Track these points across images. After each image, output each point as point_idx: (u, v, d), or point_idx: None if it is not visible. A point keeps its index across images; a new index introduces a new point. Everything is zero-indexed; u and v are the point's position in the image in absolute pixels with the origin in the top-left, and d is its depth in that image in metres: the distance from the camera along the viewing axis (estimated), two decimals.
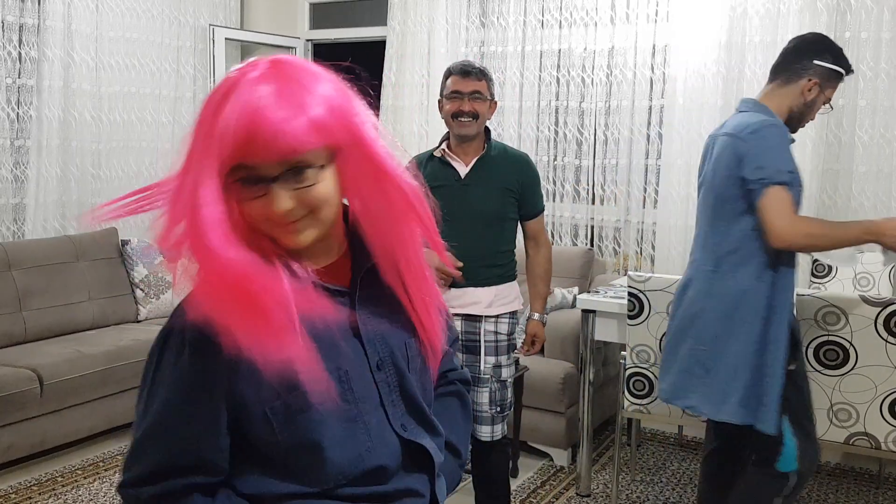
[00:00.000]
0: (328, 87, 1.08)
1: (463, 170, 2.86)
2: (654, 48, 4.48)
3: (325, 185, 1.08)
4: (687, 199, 4.36)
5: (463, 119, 2.81)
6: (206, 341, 1.06)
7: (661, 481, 3.78)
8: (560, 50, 4.74)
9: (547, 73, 4.79)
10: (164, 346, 1.12)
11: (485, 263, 2.84)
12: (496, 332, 2.86)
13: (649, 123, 4.57)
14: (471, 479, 3.04)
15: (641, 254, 4.63)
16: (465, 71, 2.84)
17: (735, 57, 4.22)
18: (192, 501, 1.10)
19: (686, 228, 4.37)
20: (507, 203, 2.87)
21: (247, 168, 1.04)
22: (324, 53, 5.95)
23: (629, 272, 3.42)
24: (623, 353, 3.34)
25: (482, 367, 2.84)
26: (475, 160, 2.86)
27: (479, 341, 2.85)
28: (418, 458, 1.25)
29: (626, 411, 3.38)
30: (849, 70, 2.58)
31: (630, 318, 3.26)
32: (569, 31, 4.69)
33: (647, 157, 4.58)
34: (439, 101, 2.92)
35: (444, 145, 2.91)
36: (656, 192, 4.56)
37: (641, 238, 4.63)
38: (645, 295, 3.21)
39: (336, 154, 1.09)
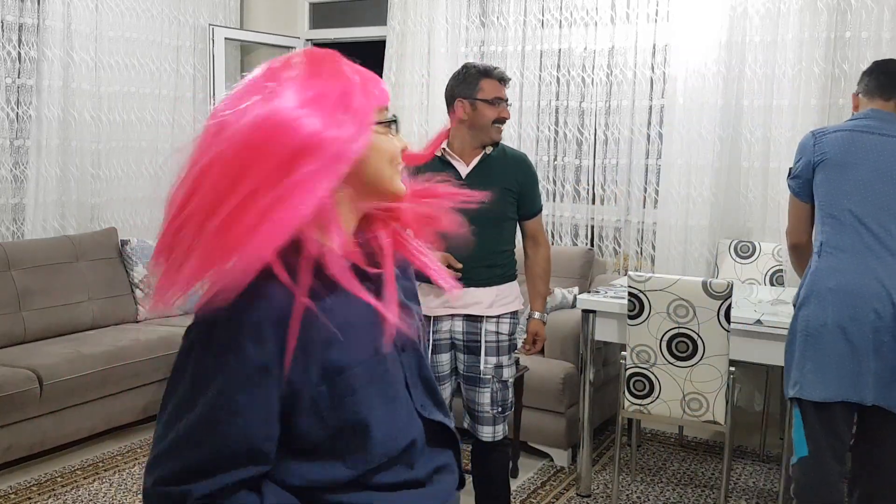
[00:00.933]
0: None
1: (464, 169, 2.85)
2: (654, 48, 4.48)
3: None
4: (687, 198, 4.36)
5: (501, 126, 2.84)
6: (260, 330, 1.08)
7: (662, 482, 3.78)
8: (560, 50, 4.74)
9: (547, 72, 4.78)
10: (209, 337, 1.10)
11: (485, 263, 2.83)
12: (497, 333, 2.85)
13: (649, 123, 4.57)
14: (471, 479, 3.04)
15: (641, 254, 4.63)
16: (504, 78, 2.86)
17: (735, 57, 4.21)
18: (240, 497, 1.10)
19: (686, 228, 4.37)
20: (506, 203, 2.86)
21: (383, 110, 1.20)
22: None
23: (629, 272, 3.42)
24: (623, 353, 3.34)
25: (483, 368, 2.84)
26: (476, 160, 2.85)
27: (480, 341, 2.85)
28: (437, 436, 1.29)
29: (627, 411, 3.37)
30: None
31: (630, 318, 3.25)
32: (569, 31, 4.69)
33: (648, 157, 4.58)
34: (465, 101, 2.81)
35: (444, 144, 2.90)
36: (656, 192, 4.55)
37: (641, 238, 4.62)
38: (645, 295, 3.20)
39: None
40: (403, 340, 1.24)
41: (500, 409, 2.87)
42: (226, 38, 5.35)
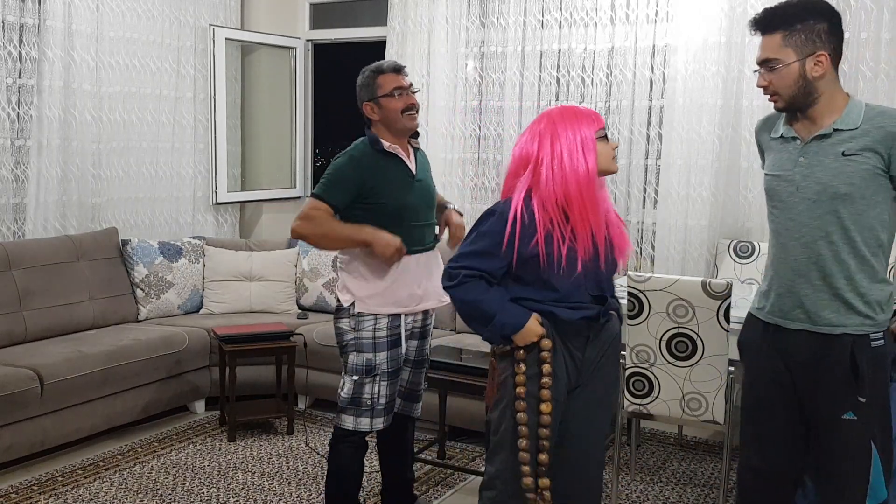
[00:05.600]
0: None
1: (412, 165, 2.95)
2: (653, 48, 4.48)
3: None
4: (686, 199, 4.37)
5: (413, 112, 2.89)
6: None
7: (661, 481, 3.79)
8: (560, 50, 4.74)
9: (547, 73, 4.79)
10: None
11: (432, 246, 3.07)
12: (434, 317, 3.15)
13: (649, 123, 4.57)
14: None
15: (641, 254, 4.63)
16: (397, 68, 2.92)
17: (735, 57, 4.22)
18: (479, 283, 2.25)
19: (686, 228, 4.38)
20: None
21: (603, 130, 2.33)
22: (324, 53, 5.95)
23: (629, 272, 3.42)
24: (623, 353, 3.34)
25: (428, 350, 3.13)
26: (414, 154, 2.98)
27: (430, 326, 3.12)
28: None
29: (626, 411, 3.38)
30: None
31: (630, 318, 3.26)
32: (569, 32, 4.70)
33: (647, 157, 4.59)
34: (370, 103, 2.89)
35: (387, 145, 2.90)
36: (656, 192, 4.56)
37: (641, 238, 4.63)
38: (644, 295, 3.21)
39: None
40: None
41: (426, 385, 3.19)
42: (226, 39, 5.35)
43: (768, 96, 2.35)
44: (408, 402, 3.11)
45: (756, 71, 2.36)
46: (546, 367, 2.25)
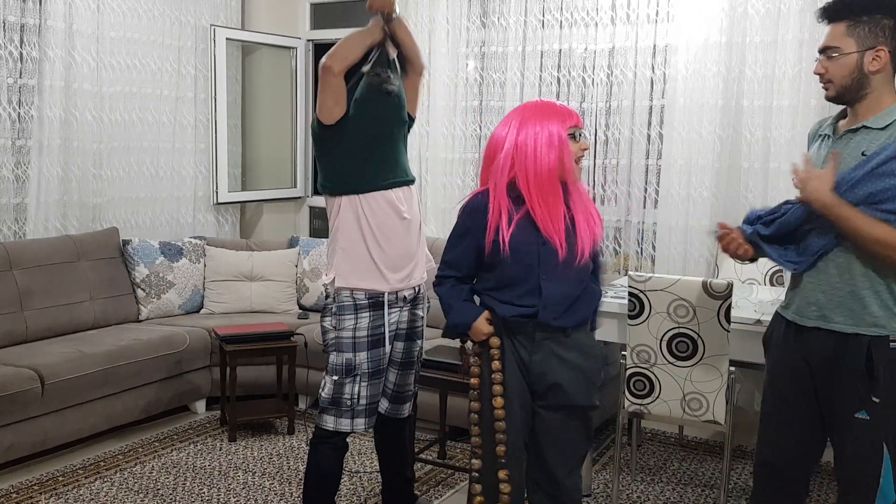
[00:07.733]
0: None
1: None
2: (654, 48, 4.49)
3: None
4: (687, 199, 4.37)
5: None
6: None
7: (662, 481, 3.79)
8: (561, 50, 4.74)
9: (548, 73, 4.79)
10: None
11: None
12: (423, 318, 3.07)
13: (650, 123, 4.57)
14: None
15: (642, 254, 4.64)
16: None
17: (735, 57, 4.22)
18: (448, 282, 2.45)
19: (686, 228, 4.38)
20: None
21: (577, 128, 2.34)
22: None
23: (630, 272, 3.43)
24: (623, 353, 3.35)
25: (418, 351, 3.07)
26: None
27: (421, 327, 3.06)
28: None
29: (627, 411, 3.38)
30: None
31: (630, 318, 3.26)
32: (569, 32, 4.70)
33: (648, 158, 4.59)
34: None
35: None
36: (657, 192, 4.56)
37: (642, 238, 4.63)
38: (645, 295, 3.21)
39: None
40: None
41: (417, 386, 3.14)
42: (227, 39, 5.35)
43: (822, 84, 2.33)
44: (395, 405, 3.08)
45: (816, 59, 2.34)
46: (495, 364, 2.36)
